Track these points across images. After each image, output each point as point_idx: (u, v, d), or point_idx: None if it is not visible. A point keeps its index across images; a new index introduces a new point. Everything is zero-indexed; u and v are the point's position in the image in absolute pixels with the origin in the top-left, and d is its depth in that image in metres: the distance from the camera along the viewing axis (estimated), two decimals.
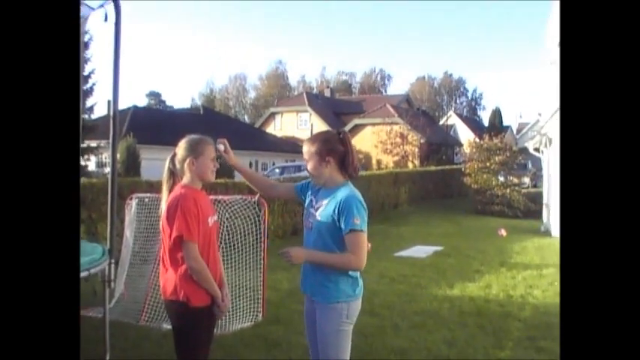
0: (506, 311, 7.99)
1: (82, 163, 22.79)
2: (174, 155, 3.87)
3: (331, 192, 3.71)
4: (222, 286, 3.86)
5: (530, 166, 34.77)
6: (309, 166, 3.78)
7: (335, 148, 3.72)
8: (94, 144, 25.08)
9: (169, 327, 6.70)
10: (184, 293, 3.63)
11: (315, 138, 3.82)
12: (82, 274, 4.82)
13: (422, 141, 44.88)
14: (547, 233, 17.80)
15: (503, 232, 17.27)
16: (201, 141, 3.85)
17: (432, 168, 32.42)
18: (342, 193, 3.62)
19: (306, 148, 3.79)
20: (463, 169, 26.48)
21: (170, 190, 3.80)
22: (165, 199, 3.78)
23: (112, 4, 5.59)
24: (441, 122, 65.53)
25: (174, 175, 3.87)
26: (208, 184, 3.95)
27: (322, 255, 3.65)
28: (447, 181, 29.87)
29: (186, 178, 3.80)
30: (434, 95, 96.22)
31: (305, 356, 5.69)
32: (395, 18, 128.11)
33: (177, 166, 3.84)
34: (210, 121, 44.75)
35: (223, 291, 3.85)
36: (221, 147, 4.02)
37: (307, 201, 3.91)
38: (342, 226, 3.55)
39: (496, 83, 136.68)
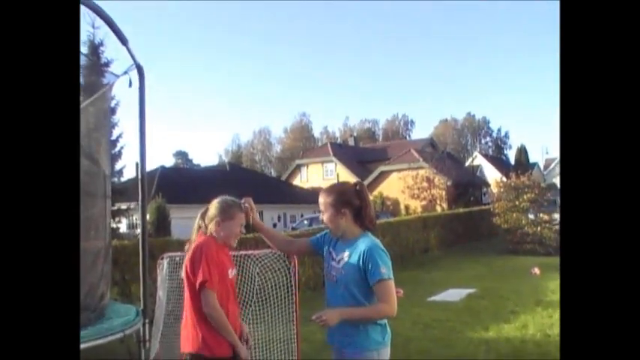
0: (544, 351, 7.90)
1: (114, 225, 22.96)
2: (206, 211, 3.96)
3: (350, 244, 3.73)
4: (242, 338, 3.91)
5: (559, 201, 34.45)
6: (325, 217, 3.81)
7: (351, 200, 3.74)
8: (124, 206, 25.29)
9: None
10: (208, 345, 3.67)
11: (330, 190, 3.85)
12: (117, 336, 4.90)
13: (448, 184, 44.70)
14: None
15: (536, 271, 17.06)
16: (234, 205, 3.94)
17: (461, 210, 32.19)
18: (363, 245, 3.64)
19: (322, 199, 3.82)
20: (492, 210, 26.30)
21: None
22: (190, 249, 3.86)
23: (135, 69, 5.78)
24: (466, 163, 65.39)
25: (202, 230, 3.95)
26: (239, 240, 4.02)
27: (355, 311, 3.64)
28: (476, 223, 29.62)
29: (212, 233, 3.88)
30: (458, 137, 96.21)
31: None
32: (413, 62, 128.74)
33: (206, 222, 3.92)
34: (236, 176, 45.17)
35: (246, 343, 3.88)
36: (246, 205, 4.09)
37: (326, 253, 3.93)
38: (369, 277, 3.57)
39: (521, 120, 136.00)
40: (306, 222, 32.94)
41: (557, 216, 32.19)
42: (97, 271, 5.49)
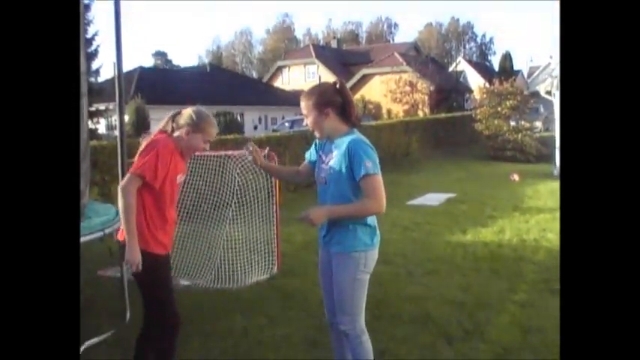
0: (519, 255, 8.04)
1: (92, 126, 22.76)
2: (178, 114, 3.85)
3: (337, 142, 3.67)
4: (169, 249, 3.86)
5: (542, 109, 34.48)
6: (309, 121, 3.72)
7: (332, 99, 3.65)
8: (102, 107, 25.06)
9: (187, 283, 6.83)
10: (142, 238, 3.61)
11: (311, 92, 3.74)
12: (97, 235, 4.88)
13: (431, 89, 44.47)
14: (560, 176, 17.74)
15: (515, 177, 17.26)
16: (207, 119, 3.82)
17: (443, 115, 32.20)
18: (348, 141, 3.58)
19: (304, 103, 3.73)
20: (474, 116, 26.33)
21: None
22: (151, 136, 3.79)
23: None
24: (450, 69, 64.85)
25: (167, 127, 3.84)
26: (219, 140, 3.94)
27: (341, 208, 3.62)
28: (457, 128, 29.64)
29: (175, 137, 3.79)
30: (442, 42, 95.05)
31: (321, 307, 5.74)
32: None
33: (174, 126, 3.81)
34: (217, 78, 44.64)
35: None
36: (249, 149, 4.01)
37: (317, 158, 3.89)
38: (355, 173, 3.52)
39: (506, 26, 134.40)
40: (287, 124, 32.80)
41: (538, 124, 32.39)
42: None
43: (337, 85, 3.72)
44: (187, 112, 3.81)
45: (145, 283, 3.72)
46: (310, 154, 4.02)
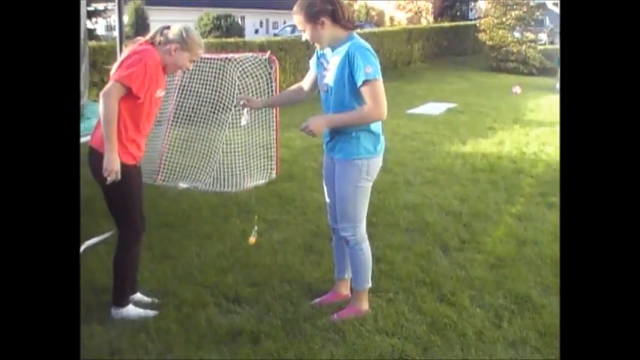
0: (518, 167, 8.05)
1: (90, 26, 22.32)
2: (168, 28, 3.74)
3: (338, 49, 3.59)
4: (138, 160, 3.81)
5: (547, 22, 33.89)
6: (308, 36, 3.63)
7: (323, 7, 3.52)
8: (101, 7, 24.51)
9: (185, 186, 6.85)
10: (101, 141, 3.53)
11: (300, 6, 3.61)
12: None
13: None
14: None
15: (517, 90, 17.11)
16: (196, 39, 3.72)
17: (446, 24, 31.56)
18: (348, 47, 3.50)
19: (296, 18, 3.63)
20: (478, 25, 25.82)
21: None
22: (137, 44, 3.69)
23: None
24: None
25: (155, 40, 3.73)
26: (219, 43, 3.84)
27: (341, 116, 3.59)
28: (461, 38, 29.14)
29: (161, 51, 3.69)
30: None
31: (319, 212, 5.81)
32: None
33: (162, 39, 3.70)
34: None
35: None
36: (243, 104, 4.00)
37: (319, 66, 3.80)
38: (356, 79, 3.46)
39: None
40: (288, 29, 32.30)
41: (543, 36, 31.90)
42: None
43: None
44: (178, 27, 3.71)
45: (112, 192, 3.66)
46: (313, 64, 3.95)
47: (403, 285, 4.37)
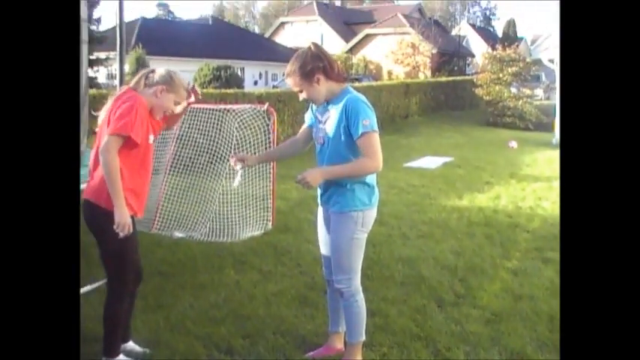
0: (514, 222, 8.04)
1: (92, 74, 22.58)
2: (152, 72, 3.77)
3: (334, 102, 3.65)
4: (141, 213, 3.81)
5: (543, 77, 34.29)
6: (305, 95, 3.68)
7: (316, 64, 3.59)
8: (103, 55, 24.84)
9: (181, 235, 6.82)
10: (107, 197, 3.50)
11: (292, 68, 3.66)
12: None
13: (433, 51, 44.08)
14: (558, 146, 17.72)
15: (514, 144, 17.21)
16: (180, 81, 3.78)
17: (444, 79, 31.96)
18: (345, 99, 3.56)
19: (291, 80, 3.69)
20: (475, 81, 26.13)
21: None
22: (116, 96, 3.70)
23: None
24: (453, 32, 64.28)
25: (139, 85, 3.76)
26: (219, 94, 3.89)
27: (337, 168, 3.61)
28: (458, 93, 29.47)
29: (145, 95, 3.71)
30: (446, 5, 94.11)
31: (314, 264, 5.78)
32: None
33: (147, 83, 3.73)
34: (219, 31, 44.30)
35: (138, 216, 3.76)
36: (236, 161, 4.10)
37: (315, 120, 3.85)
38: (352, 131, 3.50)
39: None
40: (287, 81, 32.61)
41: (539, 92, 32.23)
42: None
43: (313, 49, 3.66)
44: (163, 70, 3.76)
45: (106, 243, 3.65)
46: (308, 118, 3.99)
47: (397, 339, 4.33)
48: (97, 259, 5.85)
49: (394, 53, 43.91)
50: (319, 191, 3.84)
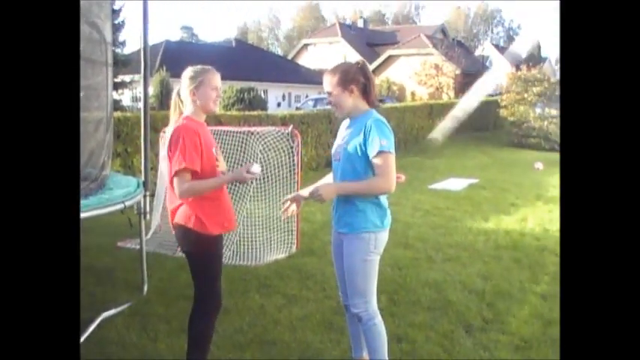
0: (542, 245, 7.92)
1: (116, 97, 22.87)
2: (177, 92, 3.81)
3: (356, 120, 3.68)
4: (227, 226, 3.85)
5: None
6: (333, 97, 3.70)
7: (356, 77, 3.66)
8: (127, 78, 25.15)
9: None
10: (196, 219, 3.59)
11: (335, 69, 3.73)
12: (118, 207, 4.84)
13: (457, 72, 44.09)
14: None
15: (539, 166, 17.06)
16: (202, 70, 3.77)
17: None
18: (366, 119, 3.58)
19: (328, 79, 3.71)
20: (499, 101, 26.02)
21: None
22: (169, 131, 3.73)
23: None
24: (476, 53, 64.25)
25: (180, 107, 3.79)
26: (242, 116, 3.88)
27: (351, 184, 3.63)
28: (482, 114, 29.30)
29: (187, 110, 3.73)
30: (470, 25, 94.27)
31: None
32: None
33: (182, 98, 3.77)
34: (242, 53, 44.60)
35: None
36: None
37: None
38: (369, 149, 3.52)
39: (535, 12, 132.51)
40: (310, 102, 32.70)
41: None
42: (97, 139, 5.36)
43: (360, 65, 3.74)
44: (183, 76, 3.78)
45: (197, 262, 3.76)
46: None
47: None
48: (122, 281, 5.86)
49: (417, 74, 43.96)
50: (332, 212, 3.85)
